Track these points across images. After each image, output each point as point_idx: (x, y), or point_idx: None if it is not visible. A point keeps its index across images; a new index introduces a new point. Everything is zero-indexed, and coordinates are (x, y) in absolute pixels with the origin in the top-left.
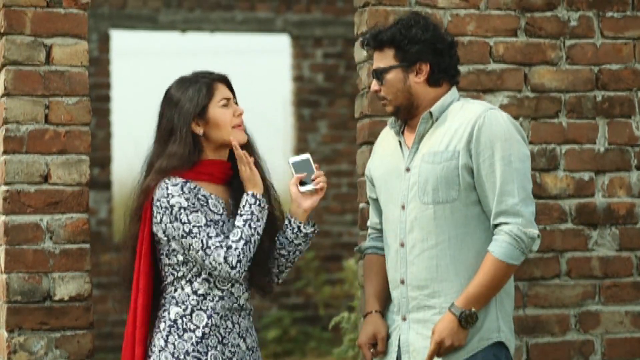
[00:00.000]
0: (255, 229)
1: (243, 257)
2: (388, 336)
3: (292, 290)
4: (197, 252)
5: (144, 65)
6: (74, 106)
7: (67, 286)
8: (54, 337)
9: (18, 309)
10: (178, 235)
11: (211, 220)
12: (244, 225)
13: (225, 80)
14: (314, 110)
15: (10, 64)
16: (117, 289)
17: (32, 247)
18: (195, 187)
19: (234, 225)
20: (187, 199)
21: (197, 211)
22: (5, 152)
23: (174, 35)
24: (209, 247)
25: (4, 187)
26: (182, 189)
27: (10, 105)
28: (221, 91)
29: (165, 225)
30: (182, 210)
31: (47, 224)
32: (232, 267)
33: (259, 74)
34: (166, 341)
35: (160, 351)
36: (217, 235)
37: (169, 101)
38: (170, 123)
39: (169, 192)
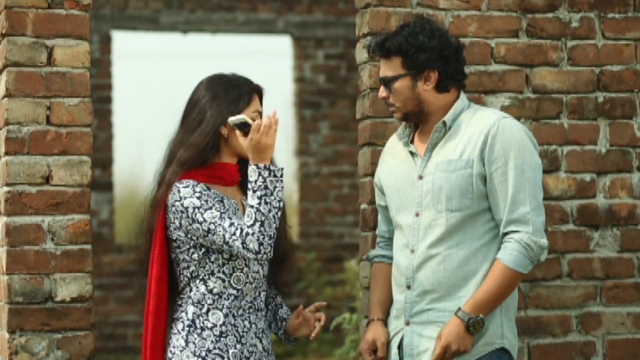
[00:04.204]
0: (270, 203)
1: (263, 238)
2: (389, 342)
3: (294, 292)
4: (222, 246)
5: (146, 67)
6: (76, 107)
7: (68, 287)
8: (55, 338)
9: (19, 310)
10: (201, 235)
11: (225, 211)
12: (259, 203)
13: (261, 93)
14: (315, 112)
15: (12, 65)
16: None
17: (34, 248)
18: (207, 188)
19: (248, 205)
20: (199, 198)
21: (210, 208)
22: (6, 153)
23: (175, 36)
24: (228, 241)
25: (6, 188)
26: (193, 190)
27: (11, 107)
28: (255, 103)
29: (186, 228)
30: (196, 210)
31: (49, 225)
32: (255, 253)
33: (261, 75)
34: (186, 340)
35: (181, 351)
36: (230, 225)
37: (206, 93)
38: (202, 115)
39: (181, 194)
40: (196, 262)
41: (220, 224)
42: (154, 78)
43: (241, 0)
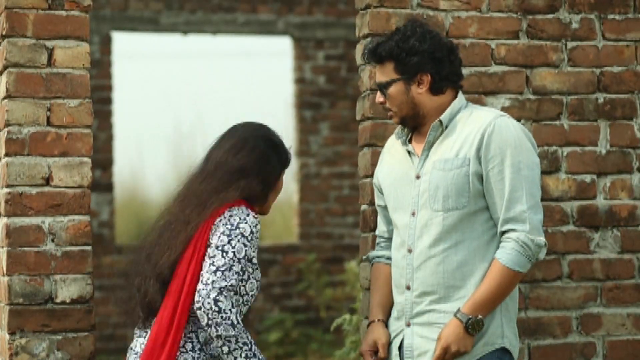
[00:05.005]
0: (241, 349)
1: (224, 310)
2: (390, 343)
3: (294, 293)
4: (212, 265)
5: (146, 68)
6: (76, 108)
7: (68, 288)
8: (55, 340)
9: (20, 311)
10: (215, 244)
11: (249, 259)
12: (247, 345)
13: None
14: (315, 112)
15: (12, 66)
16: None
17: (34, 249)
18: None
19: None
20: (252, 232)
21: (245, 245)
22: (7, 154)
23: (175, 37)
24: (221, 271)
25: (6, 190)
26: (255, 225)
27: (12, 108)
28: None
29: (219, 237)
30: (240, 236)
31: (49, 226)
32: (214, 297)
33: (261, 76)
34: None
35: None
36: (236, 272)
37: (267, 144)
38: (266, 161)
39: (246, 217)
40: None
41: (230, 271)
42: (154, 79)
43: (241, 1)
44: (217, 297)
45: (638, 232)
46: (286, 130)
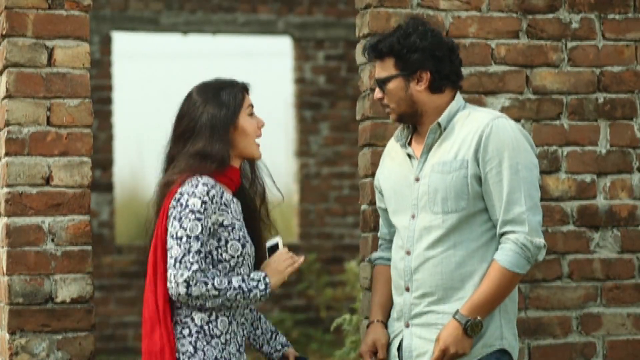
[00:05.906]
0: (237, 300)
1: (202, 294)
2: (389, 344)
3: (294, 293)
4: (170, 258)
5: (146, 67)
6: (76, 108)
7: (68, 288)
8: (55, 339)
9: (20, 311)
10: (169, 233)
11: (220, 224)
12: (236, 290)
13: (247, 89)
14: (315, 112)
15: (12, 66)
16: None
17: (34, 249)
18: (220, 191)
19: (229, 278)
20: (203, 202)
21: (199, 219)
22: (7, 154)
23: (175, 37)
24: (179, 262)
25: (6, 189)
26: (207, 192)
27: (12, 107)
28: (247, 99)
29: (172, 223)
30: (190, 214)
31: (49, 226)
32: (185, 291)
33: (261, 76)
34: (195, 347)
35: (189, 358)
36: (196, 252)
37: (200, 101)
38: (208, 121)
39: (194, 190)
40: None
41: (189, 242)
42: (154, 79)
43: (241, 1)
44: (188, 292)
45: (638, 232)
46: (286, 130)
